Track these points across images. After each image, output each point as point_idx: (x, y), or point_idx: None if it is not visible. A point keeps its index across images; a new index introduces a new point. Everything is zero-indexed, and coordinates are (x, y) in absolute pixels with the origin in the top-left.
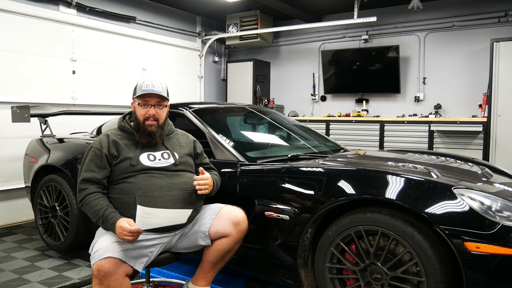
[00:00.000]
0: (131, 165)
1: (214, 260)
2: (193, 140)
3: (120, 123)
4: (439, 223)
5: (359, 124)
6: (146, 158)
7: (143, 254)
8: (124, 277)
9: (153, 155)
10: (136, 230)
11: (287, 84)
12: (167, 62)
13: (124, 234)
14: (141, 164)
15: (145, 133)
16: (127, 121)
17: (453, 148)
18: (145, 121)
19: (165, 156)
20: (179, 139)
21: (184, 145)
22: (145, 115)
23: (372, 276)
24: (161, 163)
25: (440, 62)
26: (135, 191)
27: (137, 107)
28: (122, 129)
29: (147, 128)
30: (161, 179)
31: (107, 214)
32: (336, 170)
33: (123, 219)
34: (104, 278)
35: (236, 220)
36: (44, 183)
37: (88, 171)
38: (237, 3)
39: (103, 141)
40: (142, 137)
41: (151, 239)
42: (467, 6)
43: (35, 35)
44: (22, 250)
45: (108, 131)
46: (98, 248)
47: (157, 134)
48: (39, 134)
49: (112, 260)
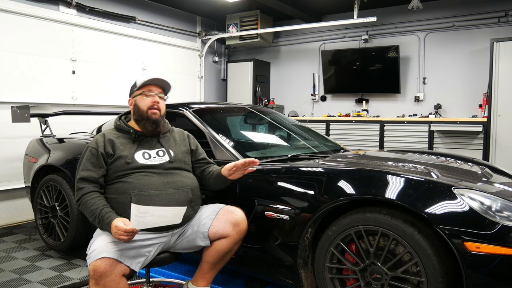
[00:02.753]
0: (126, 163)
1: (213, 261)
2: (187, 135)
3: (116, 122)
4: (439, 223)
5: (359, 124)
6: (141, 156)
7: (140, 254)
8: (121, 277)
9: (148, 153)
10: (131, 229)
11: (287, 84)
12: (167, 62)
13: (119, 233)
14: (136, 162)
15: (149, 121)
16: (123, 120)
17: (453, 148)
18: (148, 110)
19: (160, 153)
20: (175, 137)
21: (180, 142)
22: (149, 103)
23: (372, 276)
24: (156, 161)
25: (440, 62)
26: (130, 191)
27: (139, 99)
28: (118, 128)
29: (152, 116)
30: (156, 178)
31: (103, 214)
32: (336, 170)
33: (118, 218)
34: (100, 278)
35: (236, 221)
36: (44, 183)
37: (85, 170)
38: (237, 3)
39: (99, 140)
40: (147, 125)
41: (148, 239)
42: (467, 6)
43: (35, 35)
44: (22, 250)
45: (105, 131)
46: (94, 249)
47: (160, 123)
48: (39, 134)
49: (108, 260)
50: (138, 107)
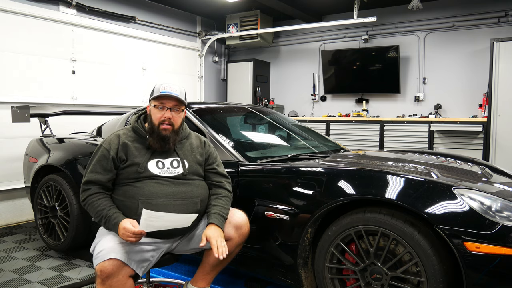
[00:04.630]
0: (138, 171)
1: (214, 262)
2: (204, 141)
3: (134, 123)
4: (439, 223)
5: (359, 124)
6: (155, 165)
7: (144, 259)
8: (127, 278)
9: (162, 162)
10: (140, 231)
11: (287, 84)
12: (167, 62)
13: (127, 235)
14: (149, 171)
15: (158, 137)
16: (142, 122)
17: (453, 148)
18: (160, 125)
19: (174, 164)
20: (192, 143)
21: (196, 150)
22: (160, 118)
23: (372, 276)
24: (169, 172)
25: (440, 62)
26: (139, 197)
27: (153, 110)
28: (135, 130)
29: (162, 132)
30: (167, 187)
31: (110, 214)
32: (336, 170)
33: (126, 220)
34: (107, 278)
35: (238, 224)
36: (44, 183)
37: (93, 173)
38: (237, 3)
39: (112, 142)
40: (154, 141)
41: (153, 243)
42: (467, 6)
43: (35, 35)
44: (22, 250)
45: (120, 131)
46: (102, 249)
47: (171, 139)
48: (39, 134)
49: (115, 261)
50: (151, 118)
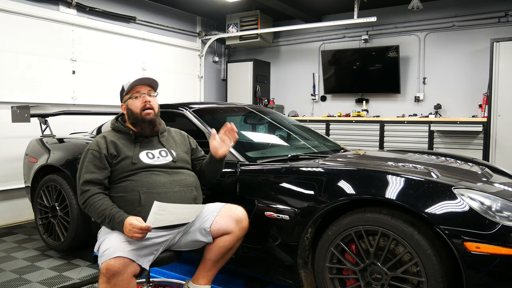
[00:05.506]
0: (132, 163)
1: (215, 258)
2: (186, 135)
3: (114, 124)
4: (439, 223)
5: (359, 124)
6: (145, 156)
7: (150, 252)
8: (132, 277)
9: (152, 153)
10: (146, 227)
11: (287, 84)
12: (167, 62)
13: (134, 231)
14: (142, 162)
15: (145, 122)
16: (121, 121)
17: (453, 148)
18: (142, 112)
19: (162, 154)
20: (174, 137)
21: (179, 143)
22: (141, 104)
23: (372, 276)
24: (160, 161)
25: (440, 62)
26: (139, 188)
27: (130, 102)
28: (117, 130)
29: (146, 117)
30: (162, 177)
31: (113, 214)
32: (336, 170)
33: (131, 217)
34: (112, 277)
35: (238, 218)
36: (44, 183)
37: (88, 173)
38: (237, 3)
39: (100, 142)
40: (144, 127)
41: (157, 236)
42: (467, 6)
43: (35, 35)
44: (22, 250)
45: (103, 133)
46: (108, 247)
47: (156, 122)
48: (39, 134)
49: (122, 259)
50: (131, 111)
